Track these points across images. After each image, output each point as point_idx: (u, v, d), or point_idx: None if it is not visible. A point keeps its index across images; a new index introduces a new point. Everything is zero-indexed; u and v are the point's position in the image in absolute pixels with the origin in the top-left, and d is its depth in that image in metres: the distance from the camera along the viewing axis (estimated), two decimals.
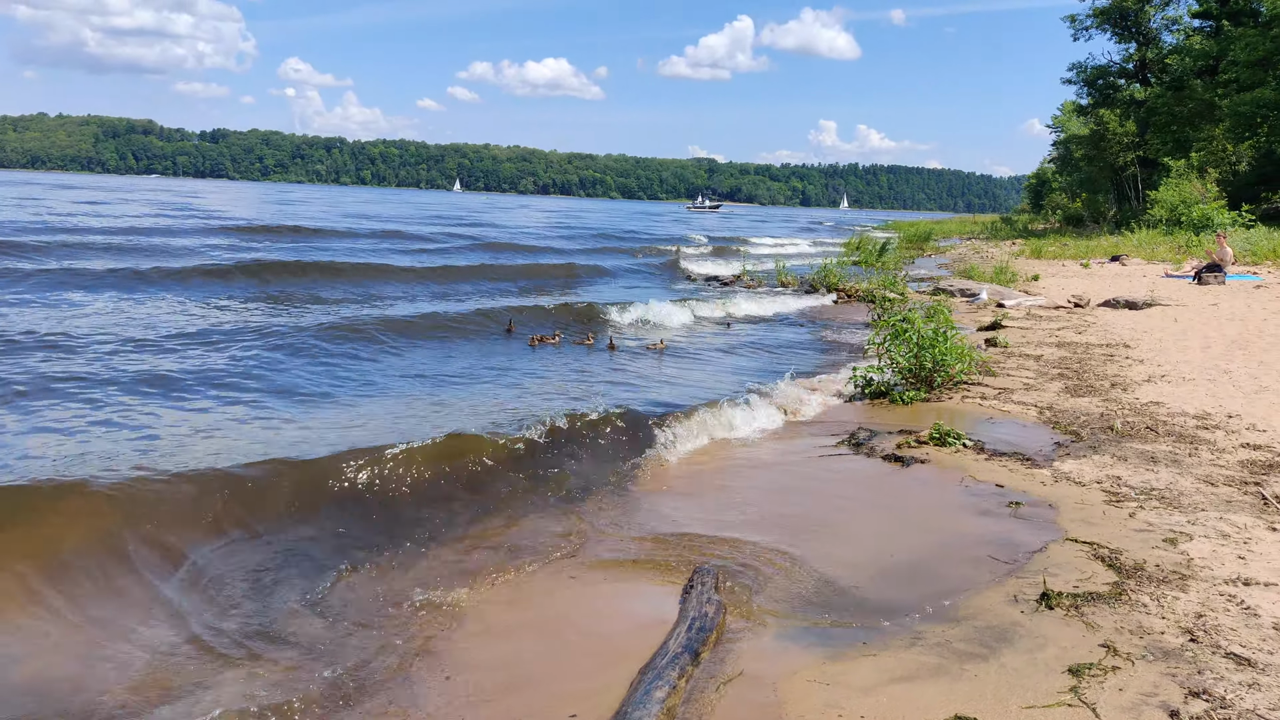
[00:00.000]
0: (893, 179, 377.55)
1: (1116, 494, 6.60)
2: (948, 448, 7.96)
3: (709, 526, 6.15)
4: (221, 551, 5.40)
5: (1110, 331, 14.78)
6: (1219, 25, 47.17)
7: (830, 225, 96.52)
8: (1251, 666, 4.05)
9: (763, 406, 9.41)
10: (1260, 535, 5.66)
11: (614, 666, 4.25)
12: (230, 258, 21.86)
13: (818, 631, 4.62)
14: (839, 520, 6.31)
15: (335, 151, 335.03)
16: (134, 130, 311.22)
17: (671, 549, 5.73)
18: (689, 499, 6.82)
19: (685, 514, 6.43)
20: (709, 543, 5.83)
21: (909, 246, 42.71)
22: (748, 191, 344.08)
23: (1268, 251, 26.65)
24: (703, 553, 5.64)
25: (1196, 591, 4.88)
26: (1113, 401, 9.64)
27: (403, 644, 4.45)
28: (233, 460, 6.46)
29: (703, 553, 5.64)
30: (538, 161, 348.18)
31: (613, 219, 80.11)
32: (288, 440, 7.28)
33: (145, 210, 48.32)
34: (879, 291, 20.11)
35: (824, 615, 4.80)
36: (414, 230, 40.07)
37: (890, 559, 5.57)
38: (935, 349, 10.19)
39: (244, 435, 7.42)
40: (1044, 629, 4.54)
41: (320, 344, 11.69)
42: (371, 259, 25.11)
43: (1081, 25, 55.19)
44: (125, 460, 6.39)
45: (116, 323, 12.66)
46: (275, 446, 7.00)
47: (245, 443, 7.13)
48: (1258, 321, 15.03)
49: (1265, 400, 9.37)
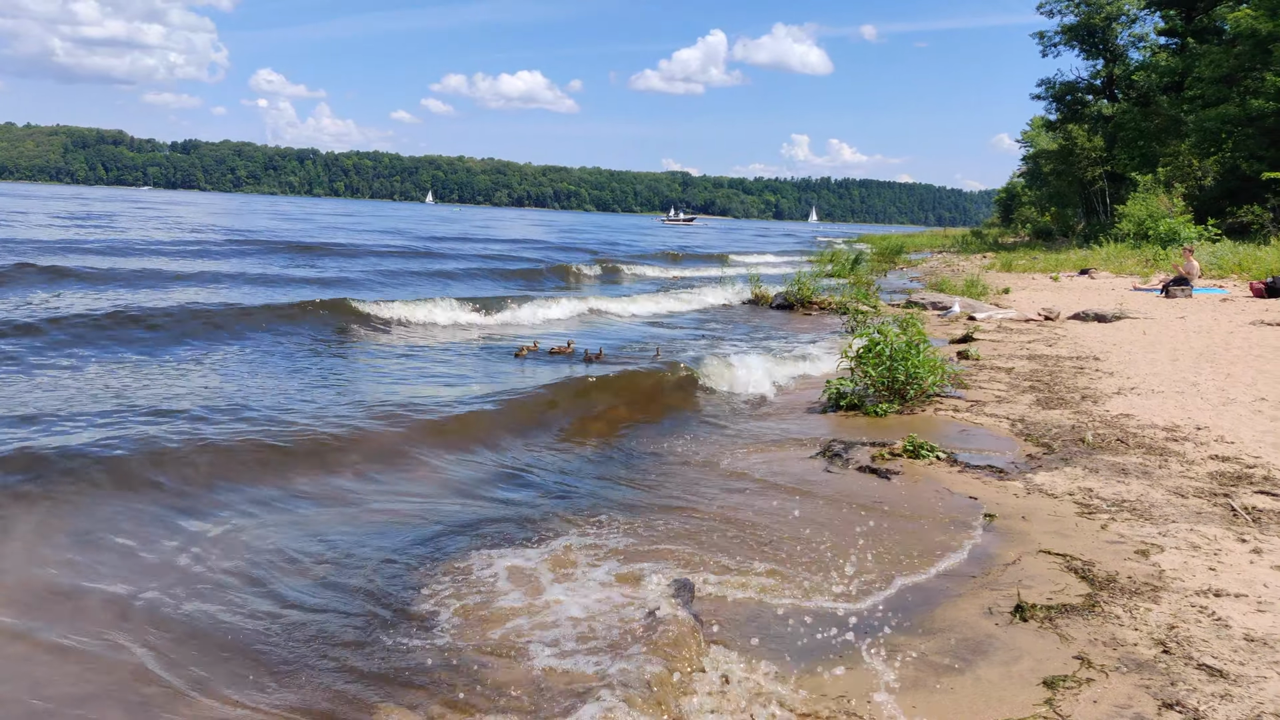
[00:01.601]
0: (865, 193, 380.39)
1: (1088, 506, 6.65)
2: (922, 460, 7.99)
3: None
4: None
5: (1080, 344, 14.92)
6: (1184, 43, 48.00)
7: (796, 239, 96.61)
8: (1224, 678, 4.08)
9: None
10: (1230, 546, 5.72)
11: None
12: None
13: (791, 643, 4.61)
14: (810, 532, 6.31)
15: (308, 163, 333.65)
16: (104, 141, 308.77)
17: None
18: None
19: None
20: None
21: (881, 260, 42.99)
22: (721, 205, 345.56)
23: (1233, 265, 27.04)
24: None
25: (1168, 603, 4.91)
26: (1084, 414, 9.72)
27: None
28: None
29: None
30: (512, 174, 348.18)
31: (546, 232, 78.75)
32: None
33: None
34: (852, 304, 20.18)
35: (796, 626, 4.80)
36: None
37: (866, 571, 5.57)
38: (908, 362, 10.24)
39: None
40: (1018, 641, 4.55)
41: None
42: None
43: (1050, 42, 56.05)
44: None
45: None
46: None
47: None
48: (1224, 334, 15.22)
49: (1232, 412, 9.48)
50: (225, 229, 46.04)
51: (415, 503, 6.73)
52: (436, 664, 4.29)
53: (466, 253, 37.91)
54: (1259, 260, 26.66)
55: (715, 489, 7.29)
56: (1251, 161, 35.48)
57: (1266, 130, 35.48)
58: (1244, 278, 24.80)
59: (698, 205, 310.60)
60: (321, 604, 4.92)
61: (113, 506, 6.03)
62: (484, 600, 5.01)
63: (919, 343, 10.50)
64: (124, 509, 6.02)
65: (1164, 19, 51.33)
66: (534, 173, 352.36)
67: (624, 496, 7.06)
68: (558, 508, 6.69)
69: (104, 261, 22.84)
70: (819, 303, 21.71)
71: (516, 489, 7.23)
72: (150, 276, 20.48)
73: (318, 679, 4.15)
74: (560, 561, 5.55)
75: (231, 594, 4.96)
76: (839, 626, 4.72)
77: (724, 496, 7.08)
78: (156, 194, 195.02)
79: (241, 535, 5.81)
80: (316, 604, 4.92)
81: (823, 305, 21.54)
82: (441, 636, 4.59)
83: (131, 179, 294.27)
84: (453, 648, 4.47)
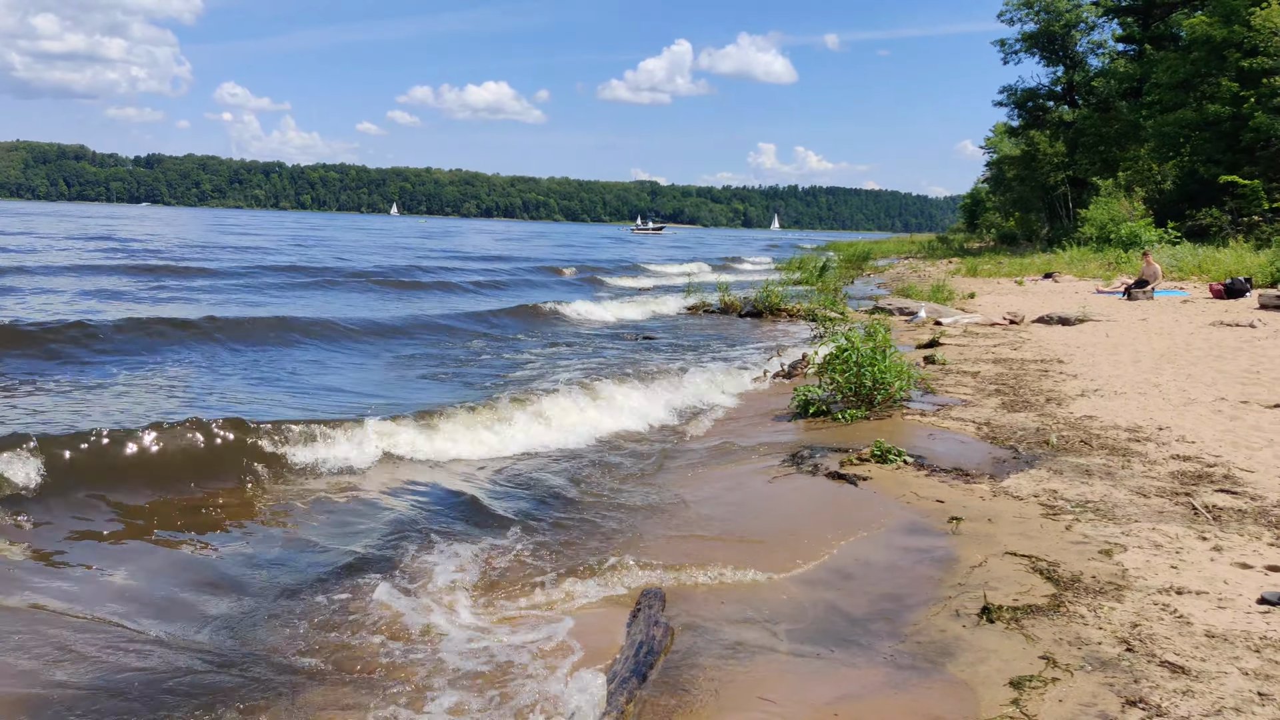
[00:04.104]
0: (832, 200, 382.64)
1: (1053, 507, 6.73)
2: (889, 465, 8.05)
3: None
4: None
5: (1045, 347, 15.10)
6: (1142, 49, 48.81)
7: (759, 244, 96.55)
8: (1185, 674, 4.14)
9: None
10: (1191, 545, 5.81)
11: None
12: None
13: (765, 646, 4.64)
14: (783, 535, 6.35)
15: (274, 176, 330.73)
16: (65, 156, 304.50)
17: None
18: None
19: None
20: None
21: (848, 266, 43.28)
22: (690, 213, 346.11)
23: (1193, 267, 27.49)
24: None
25: (1131, 601, 4.98)
26: (1048, 416, 9.84)
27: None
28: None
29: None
30: (480, 184, 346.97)
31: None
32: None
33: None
34: (820, 311, 20.31)
35: (768, 630, 4.82)
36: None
37: (837, 575, 5.61)
38: (875, 367, 10.31)
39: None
40: (985, 642, 4.60)
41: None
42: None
43: (1011, 49, 56.66)
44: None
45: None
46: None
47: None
48: (1185, 335, 15.47)
49: (1193, 412, 9.64)
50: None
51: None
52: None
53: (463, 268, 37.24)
54: (1218, 262, 27.12)
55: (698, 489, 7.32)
56: (1209, 165, 36.08)
57: (1223, 134, 36.10)
58: (1204, 279, 25.22)
59: (667, 214, 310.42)
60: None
61: None
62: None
63: (886, 348, 10.59)
64: None
65: (1122, 26, 52.17)
66: (502, 183, 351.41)
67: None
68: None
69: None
70: (787, 310, 21.85)
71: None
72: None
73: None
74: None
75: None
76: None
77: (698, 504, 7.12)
78: (156, 210, 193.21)
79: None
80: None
81: (791, 313, 21.67)
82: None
83: (94, 194, 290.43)
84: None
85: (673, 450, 9.32)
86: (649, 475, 8.31)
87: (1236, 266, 25.43)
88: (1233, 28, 33.78)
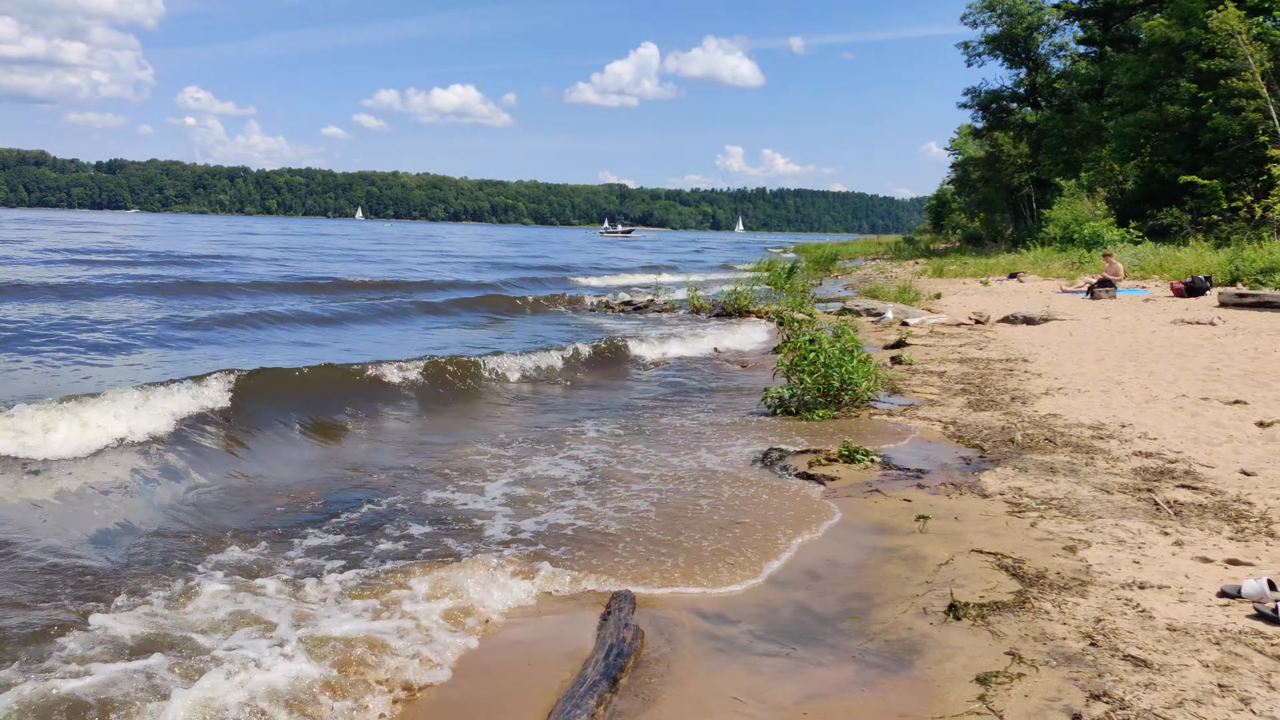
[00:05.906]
0: (799, 202, 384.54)
1: (1018, 505, 6.80)
2: (856, 465, 8.11)
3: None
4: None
5: (1010, 347, 15.26)
6: (1102, 51, 49.52)
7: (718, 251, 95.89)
8: (1148, 667, 4.20)
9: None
10: (1153, 540, 5.89)
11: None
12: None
13: (736, 646, 4.65)
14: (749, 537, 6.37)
15: (239, 181, 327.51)
16: (25, 162, 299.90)
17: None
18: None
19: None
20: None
21: (816, 268, 43.50)
22: (659, 216, 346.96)
23: (1154, 266, 27.89)
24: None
25: (1095, 597, 5.04)
26: (1013, 415, 9.94)
27: None
28: None
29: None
30: (448, 188, 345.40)
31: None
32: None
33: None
34: (787, 313, 20.40)
35: (738, 632, 4.84)
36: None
37: (806, 575, 5.64)
38: (842, 368, 10.38)
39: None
40: (952, 639, 4.64)
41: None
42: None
43: (974, 52, 57.29)
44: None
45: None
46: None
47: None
48: (1147, 334, 15.69)
49: (1155, 409, 9.77)
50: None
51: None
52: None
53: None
54: (1179, 261, 27.54)
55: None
56: (1169, 165, 36.60)
57: (1182, 135, 36.65)
58: (1165, 278, 25.59)
59: (635, 217, 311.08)
60: None
61: None
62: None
63: (853, 349, 10.66)
64: None
65: (1083, 28, 52.90)
66: (470, 187, 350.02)
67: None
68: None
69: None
70: (755, 311, 21.95)
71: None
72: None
73: None
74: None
75: None
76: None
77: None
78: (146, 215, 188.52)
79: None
80: None
81: (759, 314, 21.77)
82: None
83: (55, 200, 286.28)
84: None
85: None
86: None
87: (1197, 265, 25.84)
88: (1190, 30, 34.29)
